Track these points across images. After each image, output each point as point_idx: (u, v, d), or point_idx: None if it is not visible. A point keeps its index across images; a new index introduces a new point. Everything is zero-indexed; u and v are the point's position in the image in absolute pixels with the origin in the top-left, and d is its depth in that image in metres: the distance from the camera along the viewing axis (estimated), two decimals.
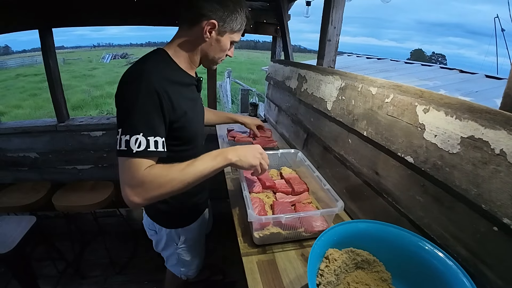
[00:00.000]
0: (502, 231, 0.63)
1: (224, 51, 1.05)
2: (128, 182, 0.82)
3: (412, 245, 0.79)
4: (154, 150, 0.84)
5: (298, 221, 1.00)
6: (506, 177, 0.61)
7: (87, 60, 35.93)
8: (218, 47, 1.01)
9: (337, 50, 1.67)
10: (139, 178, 0.82)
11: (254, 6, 2.55)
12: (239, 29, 1.02)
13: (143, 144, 0.82)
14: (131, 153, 0.81)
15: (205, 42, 0.99)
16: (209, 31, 0.95)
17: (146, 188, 0.82)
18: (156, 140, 0.85)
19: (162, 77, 0.90)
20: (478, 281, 0.66)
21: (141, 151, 0.81)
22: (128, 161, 0.82)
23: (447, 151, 0.75)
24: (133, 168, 0.82)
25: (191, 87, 1.09)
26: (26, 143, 2.42)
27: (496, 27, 3.88)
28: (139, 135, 0.82)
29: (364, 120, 1.11)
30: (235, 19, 0.98)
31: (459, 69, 4.49)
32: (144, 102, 0.84)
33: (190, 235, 1.28)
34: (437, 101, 0.80)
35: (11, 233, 1.69)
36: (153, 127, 0.85)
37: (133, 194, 0.82)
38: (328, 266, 0.74)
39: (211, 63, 1.08)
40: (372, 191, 1.08)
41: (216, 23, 0.94)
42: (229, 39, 1.02)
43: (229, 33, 1.00)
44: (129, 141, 0.81)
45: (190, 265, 1.37)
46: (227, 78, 10.73)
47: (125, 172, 0.83)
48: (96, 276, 2.20)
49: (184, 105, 0.98)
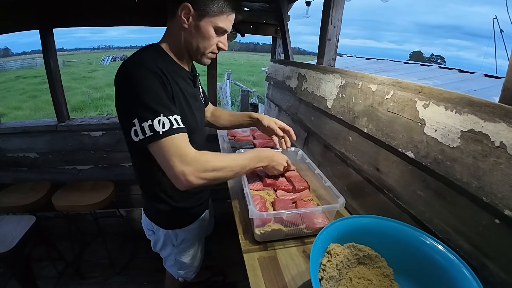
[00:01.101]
0: (504, 223, 0.63)
1: (208, 39, 0.97)
2: (181, 160, 0.82)
3: (414, 240, 0.78)
4: (178, 127, 0.85)
5: (299, 218, 1.00)
6: (506, 169, 0.61)
7: (87, 62, 35.96)
8: (200, 34, 0.95)
9: (337, 49, 1.68)
10: (193, 154, 0.84)
11: (254, 7, 2.57)
12: (219, 11, 0.93)
13: (167, 124, 0.82)
14: (159, 135, 0.81)
15: (184, 30, 0.95)
16: (184, 16, 0.91)
17: (201, 166, 0.84)
18: (176, 118, 0.85)
19: (160, 65, 0.90)
20: (480, 274, 0.66)
21: (167, 130, 0.82)
22: (166, 143, 0.82)
23: (447, 145, 0.75)
24: (182, 145, 0.84)
25: (188, 80, 1.08)
26: (26, 143, 2.42)
27: (495, 29, 3.90)
28: (160, 116, 0.82)
29: (364, 117, 1.11)
30: (211, 1, 0.91)
31: (458, 68, 4.52)
32: (151, 86, 0.84)
33: (188, 236, 1.27)
34: (436, 96, 0.81)
35: (11, 232, 1.69)
36: (168, 107, 0.86)
37: (189, 172, 0.82)
38: (330, 260, 0.74)
39: (198, 54, 1.01)
40: (373, 187, 1.08)
41: (189, 5, 0.89)
42: (210, 24, 0.94)
43: (208, 17, 0.93)
44: (153, 125, 0.81)
45: (187, 267, 1.35)
46: (227, 80, 10.74)
47: (174, 151, 0.83)
48: (96, 276, 2.20)
49: (181, 96, 0.98)
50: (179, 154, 0.82)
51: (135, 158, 1.09)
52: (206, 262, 1.47)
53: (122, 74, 0.87)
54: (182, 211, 1.21)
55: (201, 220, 1.32)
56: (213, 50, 1.02)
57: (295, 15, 2.88)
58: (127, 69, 0.87)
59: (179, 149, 0.83)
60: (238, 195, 1.31)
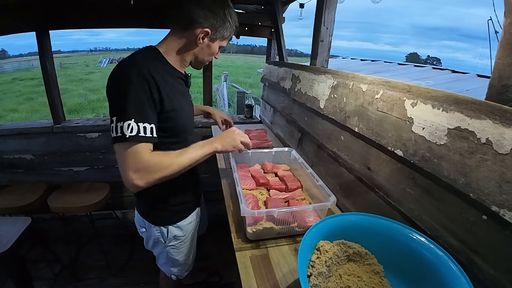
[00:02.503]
0: (491, 219, 0.64)
1: (213, 55, 1.13)
2: (133, 167, 0.88)
3: (403, 237, 0.80)
4: (143, 135, 0.89)
5: (291, 216, 1.00)
6: (492, 165, 0.62)
7: (84, 64, 35.84)
8: (208, 51, 1.10)
9: (329, 50, 1.69)
10: (143, 162, 0.89)
11: (249, 9, 2.58)
12: (228, 36, 1.11)
13: (134, 130, 0.87)
14: (125, 138, 0.87)
15: (196, 46, 1.06)
16: (202, 37, 1.03)
17: (150, 171, 0.90)
18: (145, 126, 0.90)
19: (151, 67, 0.95)
20: (470, 271, 0.67)
21: (133, 136, 0.87)
22: (127, 146, 0.88)
23: (434, 142, 0.76)
24: (137, 153, 0.89)
25: (180, 80, 1.14)
26: (22, 144, 2.41)
27: (490, 30, 3.90)
28: (131, 120, 0.87)
29: (355, 117, 1.12)
30: (226, 28, 1.07)
31: (451, 69, 4.55)
32: (134, 90, 0.89)
33: (179, 233, 1.28)
34: (424, 94, 0.82)
35: (6, 234, 1.68)
36: (143, 114, 0.90)
37: (138, 177, 0.89)
38: (320, 257, 0.75)
39: (199, 64, 1.16)
40: (364, 186, 1.09)
41: (210, 31, 1.02)
42: (219, 44, 1.11)
43: (220, 40, 1.09)
44: (123, 127, 0.87)
45: (179, 264, 1.36)
46: (224, 82, 10.76)
47: (127, 157, 0.88)
48: (92, 278, 2.19)
49: (172, 96, 1.02)
50: (134, 161, 0.89)
51: None
52: (202, 263, 1.47)
53: (113, 73, 0.94)
54: (172, 207, 1.23)
55: (193, 217, 1.33)
56: (209, 60, 1.19)
57: (292, 17, 2.89)
58: (119, 69, 0.93)
59: (135, 156, 0.89)
60: (231, 194, 1.32)
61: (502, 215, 0.60)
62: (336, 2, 1.57)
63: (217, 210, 1.97)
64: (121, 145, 0.88)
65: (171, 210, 1.24)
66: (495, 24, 3.83)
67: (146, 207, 1.24)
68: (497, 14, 1.22)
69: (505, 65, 0.65)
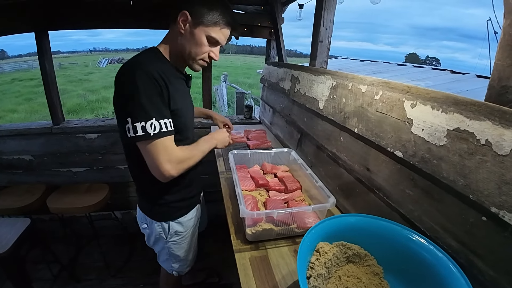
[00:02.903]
0: (491, 220, 0.64)
1: (200, 46, 1.05)
2: (166, 159, 0.96)
3: (403, 239, 0.79)
4: (166, 130, 0.96)
5: (290, 217, 1.00)
6: (492, 166, 0.62)
7: (83, 65, 35.76)
8: (193, 41, 1.03)
9: (329, 51, 1.69)
10: (175, 154, 0.98)
11: (249, 10, 2.58)
12: (213, 22, 1.02)
13: (157, 127, 0.93)
14: (149, 136, 0.92)
15: (181, 35, 1.03)
16: (182, 22, 1.01)
17: (181, 161, 1.00)
18: (165, 122, 0.96)
19: (156, 67, 0.97)
20: (469, 272, 0.66)
21: (157, 133, 0.93)
22: (154, 143, 0.94)
23: (434, 144, 0.76)
24: (170, 146, 0.97)
25: (181, 80, 1.15)
26: (21, 145, 2.41)
27: (489, 30, 3.90)
28: (153, 120, 0.92)
29: (355, 118, 1.12)
30: (207, 12, 1.00)
31: (450, 69, 4.55)
32: (146, 88, 0.92)
33: (180, 228, 1.29)
34: (423, 95, 0.82)
35: (5, 235, 1.68)
36: (161, 111, 0.96)
37: (172, 168, 0.97)
38: (319, 259, 0.75)
39: (189, 59, 1.08)
40: (364, 187, 1.09)
41: (187, 13, 0.99)
42: (203, 32, 1.02)
43: (203, 26, 1.01)
44: (145, 127, 0.91)
45: (180, 260, 1.37)
46: (223, 82, 10.76)
47: (161, 151, 0.95)
48: (91, 279, 2.18)
49: (176, 95, 1.04)
50: (167, 154, 0.96)
51: (129, 152, 1.13)
52: (201, 263, 1.47)
53: (122, 74, 0.96)
54: (174, 203, 1.24)
55: (193, 214, 1.34)
56: (204, 58, 1.09)
57: (291, 18, 2.89)
58: (128, 70, 0.96)
59: (166, 149, 0.96)
60: (230, 196, 1.32)
61: (502, 216, 0.60)
62: (336, 2, 1.57)
63: (216, 210, 1.96)
64: (146, 143, 0.94)
65: (172, 206, 1.24)
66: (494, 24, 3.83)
67: (148, 204, 1.25)
68: (496, 15, 1.22)
69: (504, 66, 0.65)
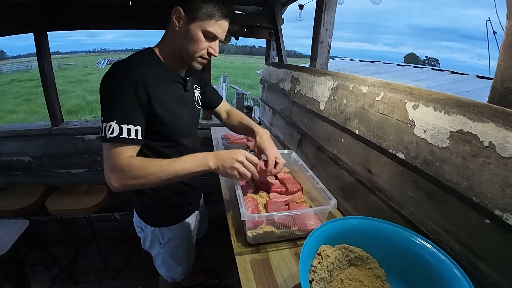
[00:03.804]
0: (494, 223, 0.63)
1: (197, 43, 0.97)
2: (110, 166, 0.89)
3: (405, 241, 0.79)
4: (126, 137, 0.88)
5: (291, 220, 1.00)
6: (496, 169, 0.61)
7: (83, 66, 35.78)
8: (189, 37, 0.96)
9: (329, 51, 1.69)
10: (119, 164, 0.88)
11: (248, 10, 2.58)
12: (208, 15, 0.94)
13: (115, 131, 0.86)
14: (106, 138, 0.87)
15: (176, 33, 0.98)
16: (176, 19, 0.95)
17: (124, 175, 0.88)
18: (129, 128, 0.88)
19: (144, 70, 0.93)
20: (472, 275, 0.66)
21: (113, 137, 0.86)
22: (108, 147, 0.88)
23: (437, 145, 0.76)
24: (115, 154, 0.88)
25: (177, 84, 1.10)
26: (20, 146, 2.40)
27: (488, 30, 3.91)
28: (113, 122, 0.87)
29: (356, 119, 1.12)
30: (201, 6, 0.93)
31: (450, 70, 4.56)
32: (120, 91, 0.88)
33: (175, 235, 1.26)
34: (426, 97, 0.81)
35: (4, 237, 1.67)
36: (126, 115, 0.89)
37: (113, 178, 0.88)
38: (321, 262, 0.74)
39: (188, 57, 1.01)
40: (365, 189, 1.09)
41: (180, 9, 0.93)
42: (199, 27, 0.95)
43: (198, 21, 0.94)
44: (106, 127, 0.87)
45: (175, 267, 1.34)
46: (222, 83, 10.75)
47: (107, 156, 0.89)
48: (90, 281, 2.17)
49: (165, 100, 1.00)
50: (111, 161, 0.89)
51: None
52: (201, 265, 1.46)
53: (105, 74, 0.92)
54: (168, 209, 1.22)
55: (190, 220, 1.31)
56: (203, 55, 1.02)
57: (291, 18, 2.89)
58: (110, 71, 0.92)
59: (112, 157, 0.88)
60: (231, 198, 1.31)
61: (505, 219, 0.59)
62: (336, 3, 1.57)
63: (216, 211, 1.95)
64: (104, 145, 0.89)
65: (168, 212, 1.23)
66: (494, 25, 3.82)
67: (144, 208, 1.23)
68: (499, 16, 1.22)
69: (507, 68, 0.65)
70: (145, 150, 1.02)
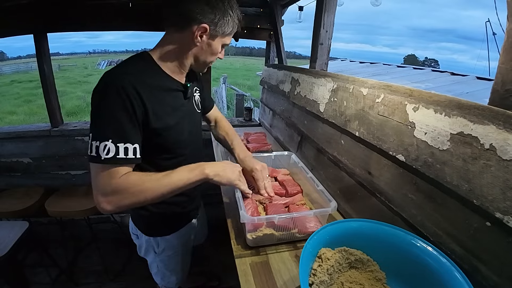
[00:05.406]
0: (495, 226, 0.63)
1: (215, 55, 1.00)
2: (101, 189, 0.81)
3: (405, 244, 0.78)
4: (123, 157, 0.81)
5: (291, 222, 0.99)
6: (496, 171, 0.61)
7: (83, 67, 35.81)
8: (209, 51, 0.97)
9: (329, 53, 1.69)
10: (113, 186, 0.81)
11: (248, 12, 2.58)
12: (230, 32, 0.97)
13: (112, 151, 0.79)
14: (100, 160, 0.79)
15: (195, 46, 0.95)
16: (200, 35, 0.91)
17: (119, 196, 0.81)
18: (126, 147, 0.82)
19: (138, 80, 0.86)
20: (473, 278, 0.65)
21: (109, 158, 0.79)
22: (101, 168, 0.80)
23: (437, 148, 0.75)
24: (107, 176, 0.81)
25: (176, 93, 1.03)
26: (20, 148, 2.40)
27: (488, 32, 3.91)
28: (108, 141, 0.79)
29: (356, 121, 1.12)
30: (226, 22, 0.93)
31: (450, 71, 4.55)
32: (113, 107, 0.81)
33: (170, 245, 1.23)
34: (426, 99, 0.81)
35: (3, 238, 1.67)
36: (123, 133, 0.82)
37: (105, 201, 0.81)
38: (321, 265, 0.74)
39: (202, 66, 1.03)
40: (365, 191, 1.08)
41: (208, 27, 0.89)
42: (221, 42, 0.98)
43: (221, 36, 0.96)
44: (99, 147, 0.78)
45: (169, 277, 1.31)
46: (222, 84, 10.77)
47: (98, 179, 0.81)
48: (90, 283, 2.17)
49: (162, 112, 0.94)
50: (103, 184, 0.81)
51: None
52: (200, 267, 1.45)
53: (96, 85, 0.84)
54: (163, 219, 1.17)
55: (186, 230, 1.27)
56: (214, 61, 1.05)
57: (290, 19, 2.89)
58: (101, 82, 0.84)
59: (105, 178, 0.81)
60: (230, 200, 1.31)
61: (506, 222, 0.59)
62: (336, 5, 1.57)
63: (216, 213, 1.95)
64: (94, 166, 0.81)
65: (164, 221, 1.19)
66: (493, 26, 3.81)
67: (139, 217, 1.19)
68: (498, 17, 1.22)
69: (508, 70, 0.65)
70: (144, 164, 0.96)
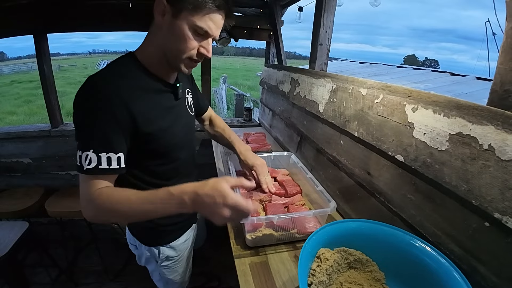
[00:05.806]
0: (494, 226, 0.63)
1: (184, 41, 0.82)
2: (82, 198, 0.79)
3: (404, 244, 0.79)
4: (106, 167, 0.77)
5: (290, 222, 0.99)
6: (495, 172, 0.61)
7: (83, 67, 35.75)
8: (174, 35, 0.81)
9: (328, 53, 1.69)
10: (90, 196, 0.77)
11: (248, 12, 2.59)
12: (196, 6, 0.78)
13: (93, 161, 0.75)
14: (82, 170, 0.75)
15: (160, 31, 0.83)
16: (159, 13, 0.80)
17: (95, 208, 0.78)
18: (109, 157, 0.77)
19: (122, 84, 0.80)
20: (472, 278, 0.66)
21: (91, 168, 0.75)
22: (83, 178, 0.78)
23: (436, 148, 0.76)
24: (87, 185, 0.77)
25: (165, 94, 0.95)
26: (20, 148, 2.41)
27: (487, 32, 3.91)
28: (89, 151, 0.75)
29: (355, 121, 1.12)
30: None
31: (450, 71, 4.55)
32: (96, 114, 0.76)
33: (173, 253, 1.18)
34: (425, 99, 0.81)
35: (3, 239, 1.67)
36: (105, 142, 0.77)
37: (86, 209, 0.79)
38: (320, 265, 0.74)
39: (174, 59, 0.86)
40: (364, 191, 1.08)
41: (164, 0, 0.78)
42: (186, 22, 0.79)
43: (185, 14, 0.78)
44: (81, 157, 0.75)
45: (173, 283, 1.28)
46: (222, 85, 10.77)
47: (81, 187, 0.78)
48: (90, 283, 2.16)
49: (151, 115, 0.87)
50: (84, 193, 0.78)
51: None
52: (200, 267, 1.44)
53: (77, 93, 0.79)
54: (164, 227, 1.12)
55: (187, 236, 1.24)
56: (192, 56, 0.86)
57: (290, 20, 2.90)
58: (82, 89, 0.79)
59: (88, 189, 0.77)
60: None
61: (505, 222, 0.59)
62: (335, 5, 1.57)
63: None
64: (79, 175, 0.78)
65: (163, 230, 1.13)
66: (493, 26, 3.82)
67: (137, 226, 1.15)
68: (498, 17, 1.22)
69: (507, 70, 0.65)
70: (136, 171, 0.92)
